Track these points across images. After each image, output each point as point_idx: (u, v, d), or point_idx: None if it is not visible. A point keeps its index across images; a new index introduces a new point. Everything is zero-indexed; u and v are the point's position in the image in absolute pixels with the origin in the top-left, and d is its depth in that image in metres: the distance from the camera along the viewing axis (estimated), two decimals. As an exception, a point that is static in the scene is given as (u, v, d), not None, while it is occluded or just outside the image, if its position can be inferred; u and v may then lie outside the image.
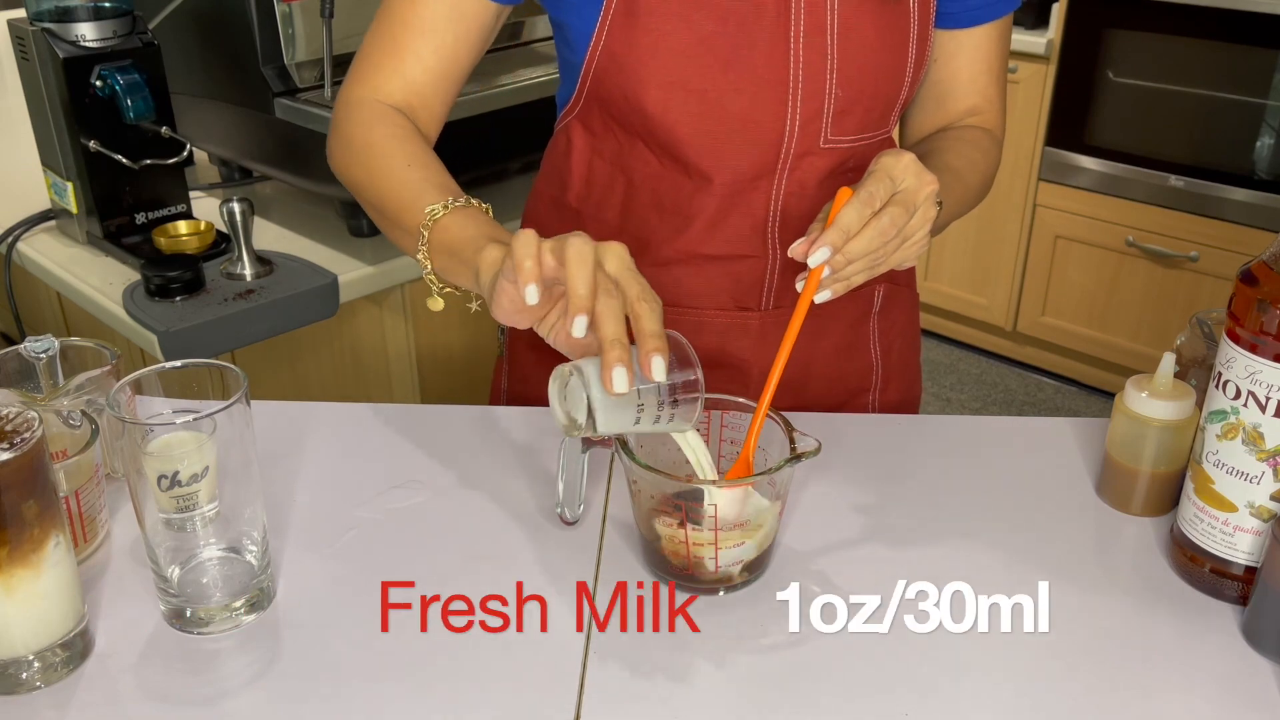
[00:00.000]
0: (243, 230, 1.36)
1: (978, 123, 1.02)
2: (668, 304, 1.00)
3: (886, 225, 0.77)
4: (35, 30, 1.35)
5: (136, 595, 0.76)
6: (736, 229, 0.98)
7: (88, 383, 0.84)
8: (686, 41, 0.90)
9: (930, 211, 0.81)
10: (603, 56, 0.93)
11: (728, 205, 0.97)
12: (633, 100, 0.93)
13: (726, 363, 1.03)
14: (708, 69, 0.91)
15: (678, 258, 1.00)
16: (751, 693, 0.69)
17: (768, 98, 0.92)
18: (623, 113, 0.95)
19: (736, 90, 0.91)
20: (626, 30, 0.91)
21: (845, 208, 0.76)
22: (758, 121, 0.93)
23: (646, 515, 0.77)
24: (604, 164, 1.00)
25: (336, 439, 0.96)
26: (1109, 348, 2.90)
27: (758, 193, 0.96)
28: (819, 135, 0.94)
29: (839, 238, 0.76)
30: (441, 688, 0.69)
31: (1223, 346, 0.73)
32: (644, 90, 0.92)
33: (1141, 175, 2.70)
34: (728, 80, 0.91)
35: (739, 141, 0.94)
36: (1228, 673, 0.71)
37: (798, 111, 0.92)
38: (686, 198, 0.97)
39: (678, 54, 0.90)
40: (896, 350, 1.12)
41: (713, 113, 0.92)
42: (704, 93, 0.91)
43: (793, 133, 0.93)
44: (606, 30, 0.91)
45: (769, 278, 1.00)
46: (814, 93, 0.92)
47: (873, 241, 0.77)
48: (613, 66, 0.93)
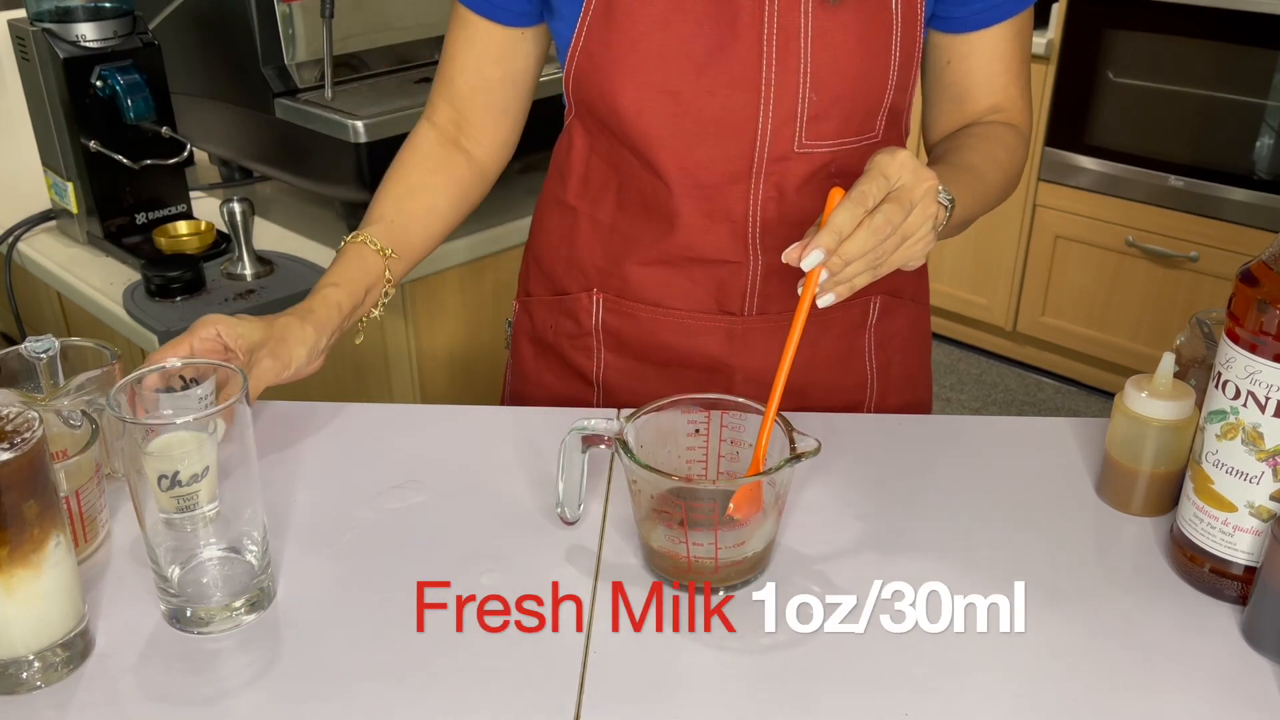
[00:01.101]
0: (243, 230, 1.37)
1: (1001, 119, 1.00)
2: (653, 304, 1.02)
3: (881, 224, 0.76)
4: (35, 30, 1.35)
5: (136, 595, 0.76)
6: (716, 233, 0.98)
7: (88, 382, 0.84)
8: (661, 43, 0.90)
9: (931, 208, 0.79)
10: (581, 58, 0.94)
11: (705, 209, 0.97)
12: (609, 101, 0.94)
13: (711, 366, 1.04)
14: (682, 71, 0.91)
15: (663, 259, 1.00)
16: (752, 692, 0.69)
17: (740, 101, 0.92)
18: (602, 114, 0.96)
19: (709, 93, 0.92)
20: (604, 32, 0.92)
21: (838, 209, 0.76)
22: (730, 125, 0.93)
23: (646, 515, 0.77)
24: (600, 162, 1.01)
25: (336, 439, 0.96)
26: (1109, 348, 2.90)
27: (735, 196, 0.96)
28: (793, 139, 0.94)
29: (832, 240, 0.75)
30: (441, 688, 0.69)
31: (1222, 346, 0.73)
32: (619, 91, 0.93)
33: (1141, 175, 2.70)
34: (701, 83, 0.91)
35: (712, 144, 0.94)
36: (1228, 673, 0.71)
37: (770, 115, 0.92)
38: (665, 200, 0.97)
39: (653, 56, 0.91)
40: (898, 364, 1.10)
41: (686, 114, 0.93)
42: (678, 94, 0.92)
43: (765, 136, 0.93)
44: (585, 32, 0.93)
45: (751, 283, 1.00)
46: (786, 96, 0.92)
47: (867, 241, 0.76)
48: (590, 67, 0.94)
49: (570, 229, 1.05)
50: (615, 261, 1.03)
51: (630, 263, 1.02)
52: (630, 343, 1.05)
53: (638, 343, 1.05)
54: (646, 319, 1.03)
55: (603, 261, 1.03)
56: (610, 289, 1.04)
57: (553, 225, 1.08)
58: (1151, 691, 0.70)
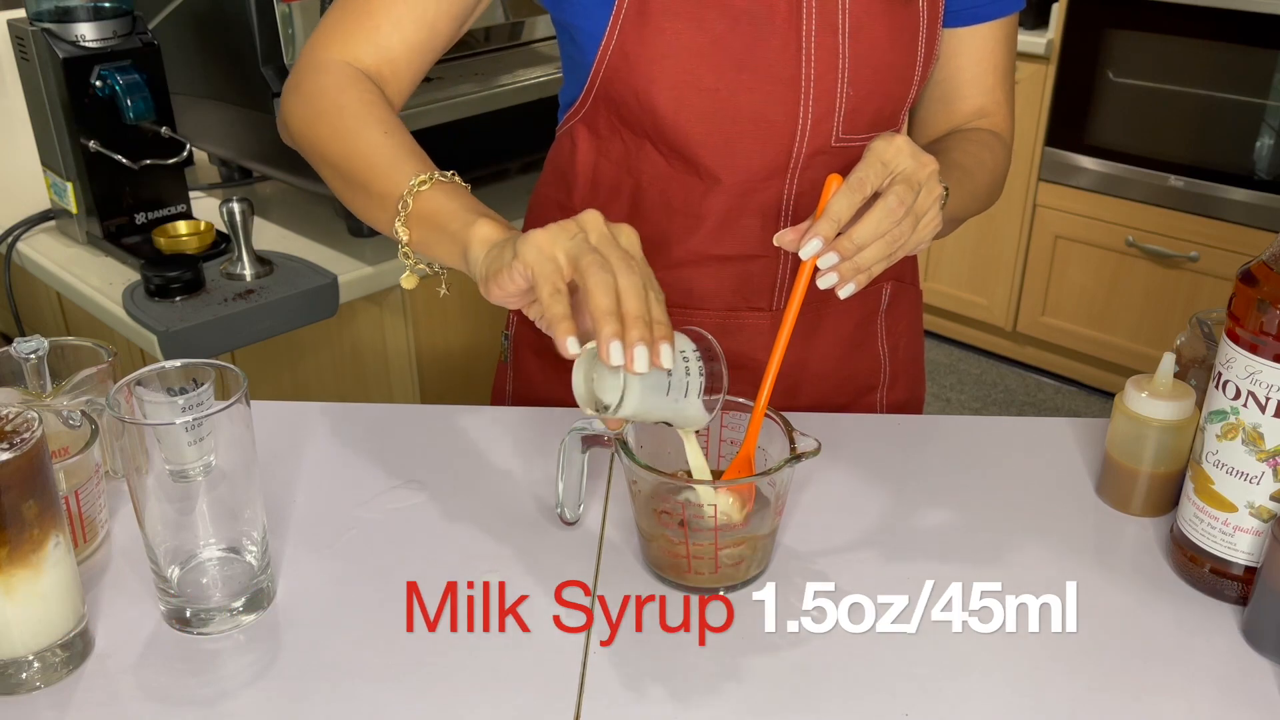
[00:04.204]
0: (243, 230, 1.36)
1: (986, 125, 1.01)
2: (677, 305, 1.01)
3: (894, 205, 0.75)
4: (35, 30, 1.35)
5: (136, 595, 0.76)
6: (748, 229, 0.98)
7: (83, 381, 0.83)
8: (699, 41, 0.90)
9: (935, 189, 0.79)
10: (614, 57, 0.93)
11: (739, 205, 0.97)
12: (644, 100, 0.93)
13: (739, 364, 1.03)
14: (720, 68, 0.91)
15: (688, 259, 1.00)
16: (752, 692, 0.69)
17: (780, 96, 0.92)
18: (633, 113, 0.95)
19: (748, 90, 0.91)
20: (639, 30, 0.91)
21: (835, 196, 0.75)
22: (770, 120, 0.93)
23: (646, 515, 0.77)
24: (610, 166, 1.00)
25: (336, 439, 0.95)
26: (1109, 348, 2.90)
27: (769, 192, 0.96)
28: (831, 134, 0.94)
29: (829, 228, 0.75)
30: (441, 688, 0.69)
31: (1223, 346, 0.73)
32: (656, 90, 0.92)
33: (1141, 175, 2.70)
34: (740, 80, 0.91)
35: (750, 141, 0.94)
36: (1228, 673, 0.71)
37: (809, 110, 0.92)
38: (698, 198, 0.97)
39: (690, 53, 0.90)
40: (903, 348, 1.11)
41: (724, 112, 0.92)
42: (716, 92, 0.91)
43: (804, 131, 0.93)
44: (619, 31, 0.91)
45: (781, 277, 1.00)
46: (825, 91, 0.92)
47: (881, 223, 0.75)
48: (624, 66, 0.92)
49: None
50: None
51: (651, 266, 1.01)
52: None
53: None
54: None
55: None
56: None
57: None
58: (1151, 691, 0.70)
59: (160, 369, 0.75)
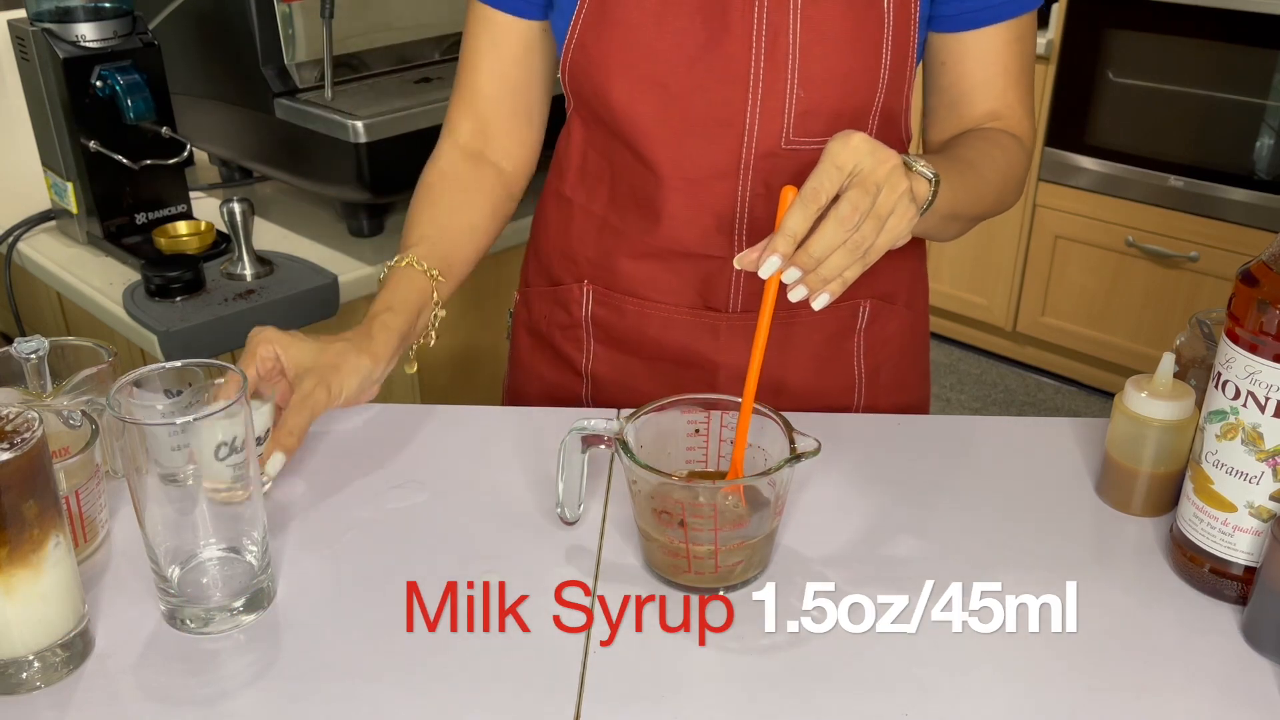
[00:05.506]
0: (243, 230, 1.36)
1: (1001, 126, 0.99)
2: (640, 297, 1.04)
3: (848, 212, 0.73)
4: (35, 30, 1.35)
5: (136, 595, 0.76)
6: (703, 228, 0.98)
7: (84, 381, 0.83)
8: (654, 37, 0.91)
9: (901, 184, 0.76)
10: (576, 51, 0.95)
11: (693, 204, 0.97)
12: (602, 95, 0.95)
13: (695, 362, 1.04)
14: (673, 65, 0.92)
15: (650, 252, 1.01)
16: (751, 692, 0.69)
17: (729, 96, 0.92)
18: (595, 107, 0.97)
19: (699, 87, 0.92)
20: (598, 26, 0.93)
21: (790, 210, 0.74)
22: (719, 119, 0.93)
23: (646, 515, 0.77)
24: (596, 155, 1.02)
25: (337, 439, 0.96)
26: (1109, 348, 2.90)
27: (722, 192, 0.96)
28: (780, 136, 0.94)
29: (786, 244, 0.73)
30: (441, 688, 0.69)
31: (1222, 346, 0.73)
32: (611, 84, 0.94)
33: (1141, 175, 2.70)
34: (691, 77, 0.92)
35: (700, 138, 0.94)
36: (1228, 673, 0.71)
37: (758, 111, 0.92)
38: (653, 192, 0.98)
39: (644, 49, 0.92)
40: (888, 370, 1.09)
41: (676, 108, 0.93)
42: (667, 88, 0.93)
43: (752, 132, 0.93)
44: (580, 26, 0.94)
45: (736, 279, 1.00)
46: (774, 92, 0.92)
47: (836, 234, 0.73)
48: (584, 61, 0.95)
49: (566, 220, 1.06)
50: (606, 253, 1.03)
51: (619, 255, 1.02)
52: (618, 336, 1.05)
53: (625, 336, 1.05)
54: (633, 312, 1.04)
55: (594, 253, 1.04)
56: (600, 281, 1.04)
57: (551, 217, 1.09)
58: (1151, 691, 0.70)
59: (160, 368, 0.75)
